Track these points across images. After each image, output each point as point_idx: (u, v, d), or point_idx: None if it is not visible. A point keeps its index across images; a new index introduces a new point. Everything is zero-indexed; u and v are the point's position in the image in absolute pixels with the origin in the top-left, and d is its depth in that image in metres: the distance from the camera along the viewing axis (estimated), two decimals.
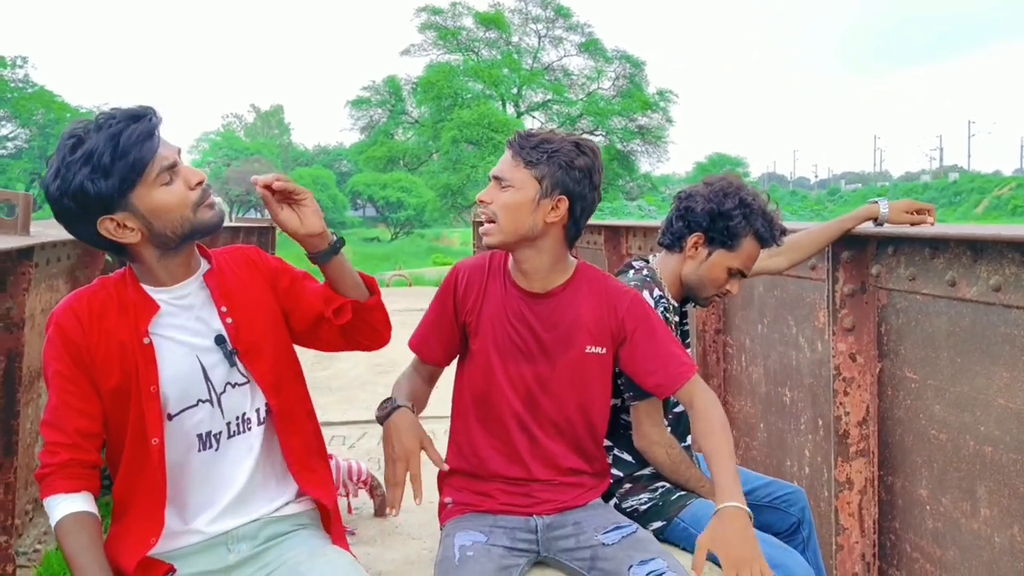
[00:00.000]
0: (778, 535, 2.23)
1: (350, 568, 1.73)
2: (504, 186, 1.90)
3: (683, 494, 2.14)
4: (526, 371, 1.97)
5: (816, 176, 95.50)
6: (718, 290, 2.26)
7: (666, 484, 2.18)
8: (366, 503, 3.07)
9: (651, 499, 2.16)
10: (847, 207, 52.93)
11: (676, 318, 2.28)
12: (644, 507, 2.15)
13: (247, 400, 1.79)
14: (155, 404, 1.69)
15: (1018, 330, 2.02)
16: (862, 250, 2.56)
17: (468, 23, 36.11)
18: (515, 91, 36.14)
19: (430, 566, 1.97)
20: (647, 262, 2.32)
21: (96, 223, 1.62)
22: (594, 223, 5.22)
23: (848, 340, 2.57)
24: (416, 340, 2.09)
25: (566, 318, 1.98)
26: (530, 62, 36.94)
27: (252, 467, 1.80)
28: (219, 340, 1.75)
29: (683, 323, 2.34)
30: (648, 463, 2.18)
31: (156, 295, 1.72)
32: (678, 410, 2.27)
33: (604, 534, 1.94)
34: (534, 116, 36.84)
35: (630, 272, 2.29)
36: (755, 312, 3.48)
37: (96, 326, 1.69)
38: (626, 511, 2.15)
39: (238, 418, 1.78)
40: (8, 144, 46.76)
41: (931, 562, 2.37)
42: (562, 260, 1.98)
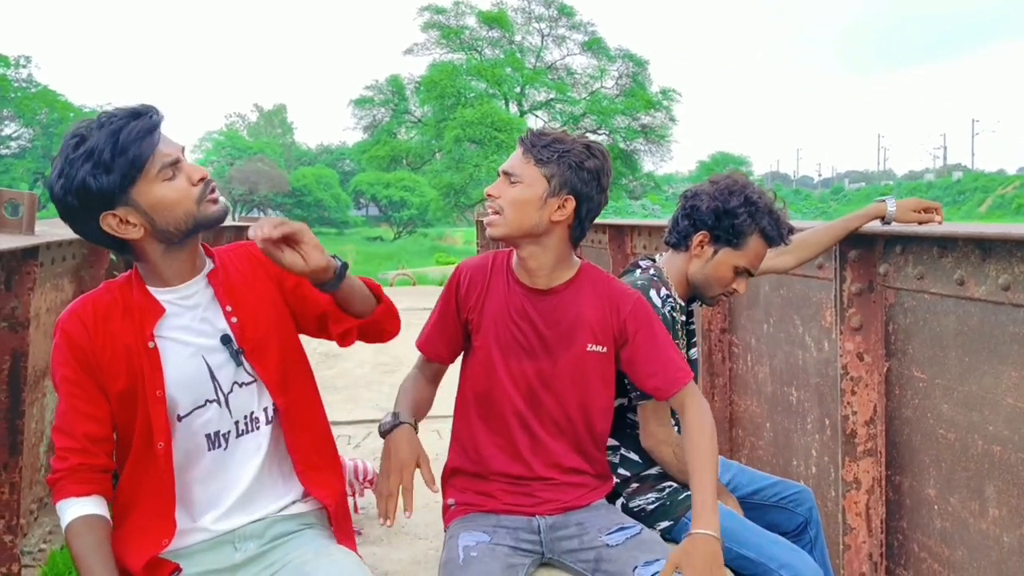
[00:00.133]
0: (785, 535, 2.23)
1: (356, 568, 1.73)
2: (513, 181, 1.91)
3: (690, 494, 2.12)
4: (528, 367, 1.97)
5: (820, 175, 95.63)
6: (725, 289, 2.25)
7: (673, 484, 2.17)
8: (372, 503, 3.06)
9: (658, 499, 2.15)
10: (851, 206, 52.90)
11: (683, 317, 2.27)
12: (651, 507, 2.15)
13: (254, 399, 1.79)
14: (161, 408, 1.69)
15: None
16: (870, 249, 2.55)
17: (471, 22, 36.10)
18: (518, 90, 36.12)
19: (436, 566, 1.96)
20: (653, 261, 2.32)
21: (99, 219, 1.62)
22: (598, 222, 5.20)
23: (855, 339, 2.56)
24: (423, 339, 2.11)
25: (568, 315, 1.98)
26: (533, 61, 36.93)
27: (259, 466, 1.80)
28: (225, 340, 1.75)
29: (689, 322, 2.33)
30: (655, 462, 2.17)
31: (161, 296, 1.72)
32: None
33: (608, 535, 1.94)
34: (537, 115, 36.83)
35: (636, 271, 2.28)
36: (761, 311, 3.47)
37: (101, 330, 1.70)
38: (633, 511, 2.15)
39: (246, 417, 1.79)
40: (11, 144, 46.86)
41: (939, 562, 2.36)
42: (566, 258, 1.99)
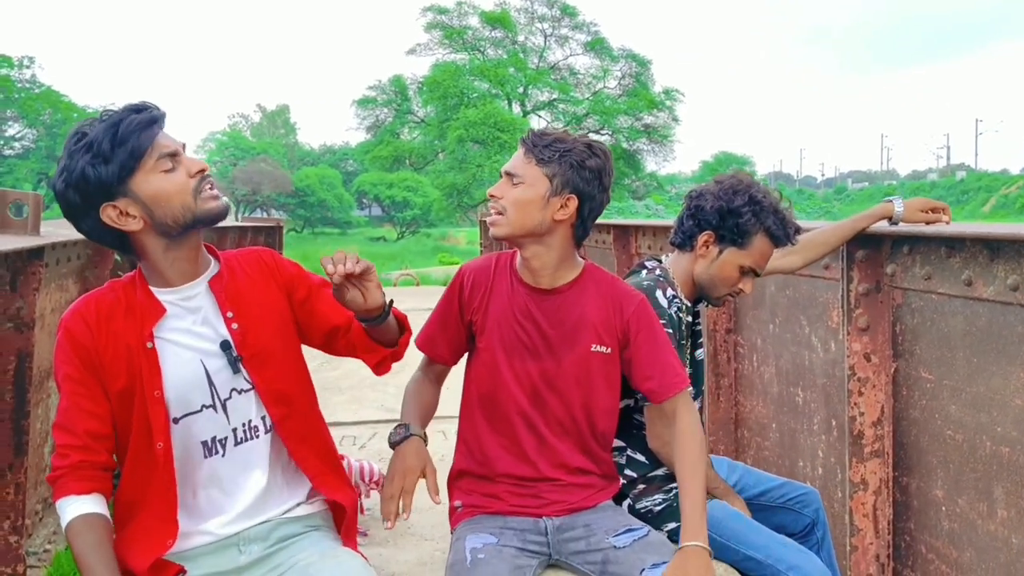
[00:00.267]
0: (792, 536, 2.22)
1: (361, 570, 1.73)
2: (515, 182, 1.91)
3: None
4: (532, 368, 1.97)
5: (823, 175, 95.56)
6: (731, 289, 2.24)
7: None
8: (379, 504, 3.05)
9: (665, 500, 2.14)
10: (854, 206, 52.87)
11: (689, 318, 2.26)
12: (658, 508, 2.14)
13: (252, 407, 1.78)
14: (160, 408, 1.69)
15: None
16: (877, 249, 2.54)
17: (474, 22, 36.19)
18: (521, 90, 36.17)
19: (443, 567, 1.96)
20: (659, 262, 2.31)
21: (100, 212, 1.63)
22: (603, 222, 5.21)
23: (863, 340, 2.55)
24: (422, 339, 2.09)
25: (572, 315, 1.97)
26: (536, 61, 36.97)
27: (263, 476, 1.79)
28: (224, 346, 1.74)
29: (695, 323, 2.32)
30: (662, 464, 2.16)
31: (163, 296, 1.72)
32: None
33: (615, 537, 1.93)
34: (540, 115, 36.88)
35: (643, 272, 2.28)
36: (767, 312, 3.46)
37: (104, 328, 1.69)
38: (640, 512, 2.14)
39: (244, 425, 1.77)
40: (15, 144, 46.95)
41: (947, 563, 2.35)
42: (569, 258, 1.98)
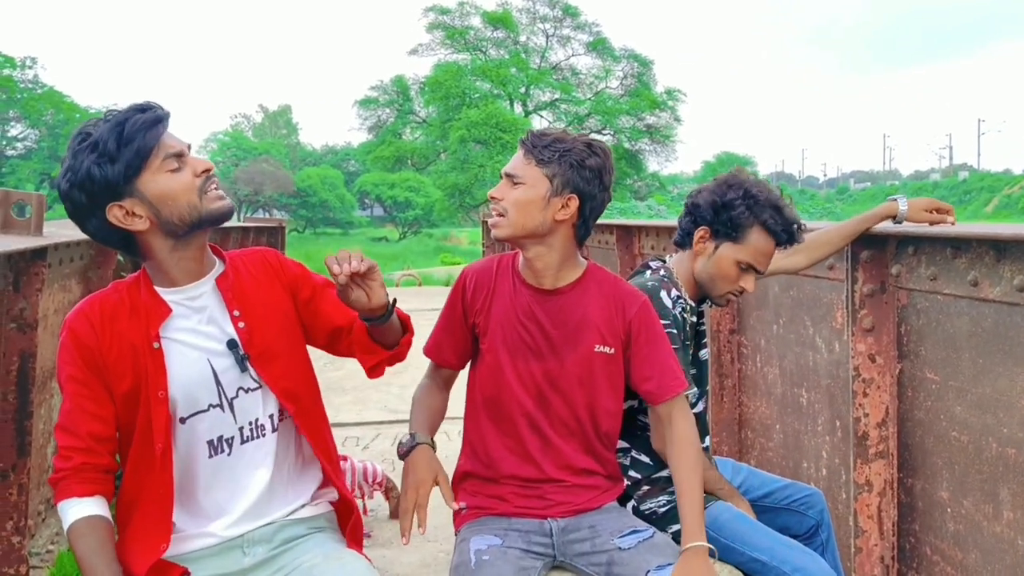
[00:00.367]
0: (797, 538, 2.21)
1: (365, 572, 1.73)
2: (516, 183, 1.91)
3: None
4: (535, 368, 1.97)
5: (825, 175, 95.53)
6: (731, 287, 2.21)
7: None
8: (382, 505, 3.05)
9: (670, 501, 2.13)
10: (856, 206, 52.77)
11: (693, 318, 2.25)
12: (663, 510, 2.13)
13: (259, 406, 1.78)
14: (163, 409, 1.68)
15: None
16: (882, 250, 2.53)
17: (476, 22, 36.19)
18: (523, 90, 36.16)
19: (447, 569, 1.95)
20: (664, 262, 2.30)
21: (106, 212, 1.62)
22: (606, 222, 5.20)
23: (867, 341, 2.54)
24: (430, 346, 2.10)
25: (575, 316, 1.97)
26: (538, 61, 36.96)
27: (268, 474, 1.79)
28: (231, 345, 1.74)
29: (700, 323, 2.31)
30: (666, 465, 2.15)
31: (168, 296, 1.72)
32: (696, 411, 2.24)
33: (620, 538, 1.93)
34: (542, 115, 36.88)
35: (647, 272, 2.27)
36: (770, 312, 3.45)
37: (108, 329, 1.69)
38: (644, 514, 2.13)
39: (251, 424, 1.77)
40: (18, 145, 46.99)
41: (952, 565, 2.34)
42: (572, 258, 1.98)
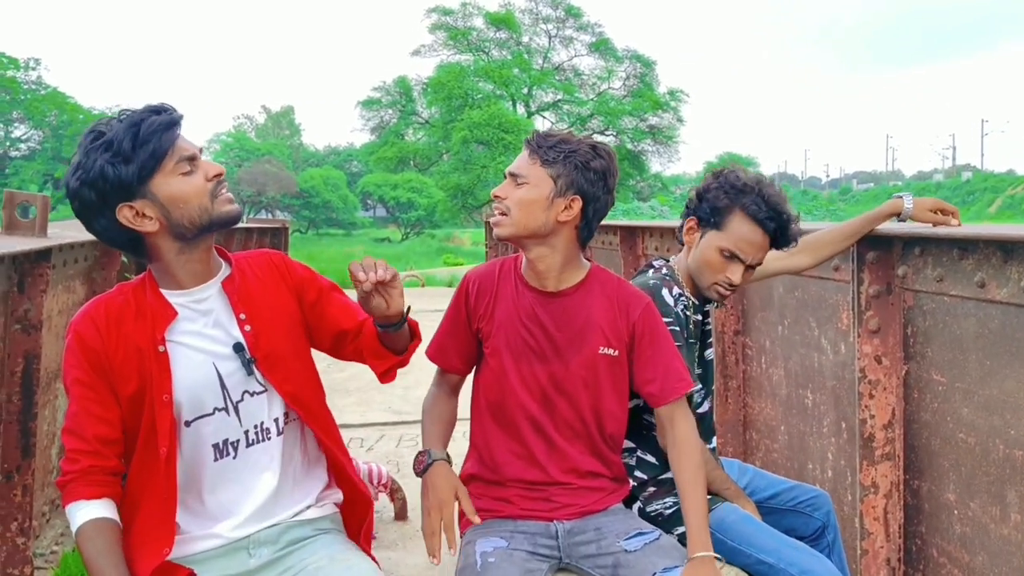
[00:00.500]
0: (803, 539, 2.20)
1: (371, 574, 1.72)
2: (520, 183, 1.90)
3: (709, 498, 2.10)
4: (540, 371, 1.96)
5: (828, 175, 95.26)
6: (715, 276, 2.17)
7: None
8: (387, 507, 3.04)
9: (676, 503, 2.12)
10: (859, 206, 52.65)
11: (698, 316, 2.24)
12: (669, 511, 2.13)
13: (265, 409, 1.78)
14: (167, 412, 1.68)
15: None
16: (888, 251, 2.52)
17: (478, 23, 36.15)
18: (525, 91, 36.13)
19: (453, 571, 1.95)
20: (667, 261, 2.30)
21: (115, 211, 1.62)
22: (610, 223, 5.18)
23: (873, 342, 2.53)
24: (433, 350, 2.09)
25: (579, 318, 1.96)
26: (540, 62, 36.94)
27: (275, 477, 1.79)
28: (237, 348, 1.74)
29: (705, 322, 2.30)
30: None
31: (174, 299, 1.71)
32: (701, 411, 2.24)
33: (626, 540, 1.92)
34: (544, 116, 36.85)
35: (649, 271, 2.27)
36: (775, 313, 3.44)
37: (114, 332, 1.68)
38: (650, 515, 2.12)
39: (256, 427, 1.77)
40: (21, 146, 47.03)
41: (959, 567, 2.33)
42: (575, 260, 1.97)
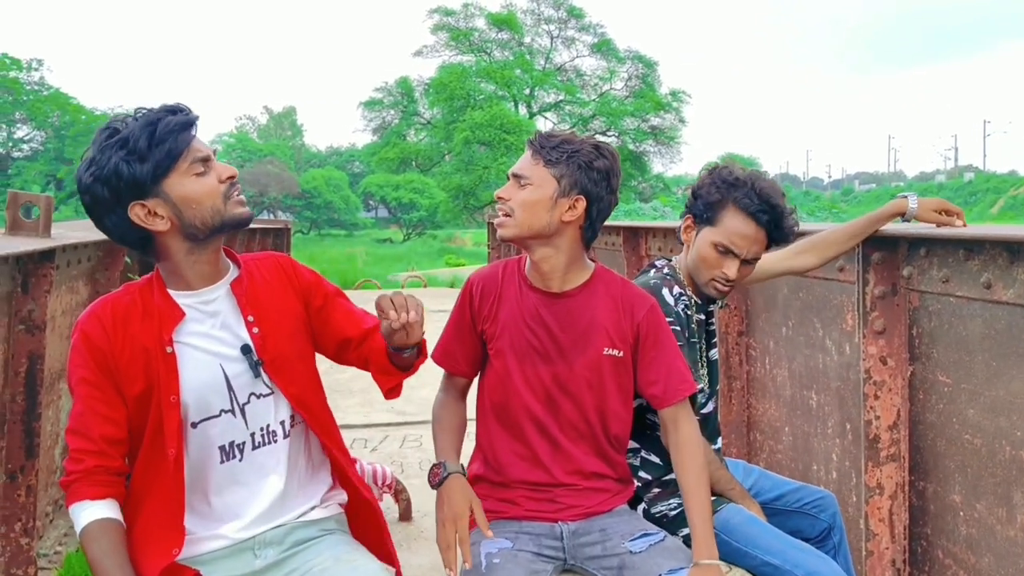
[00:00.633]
0: (808, 541, 2.19)
1: (378, 574, 1.72)
2: (523, 183, 1.90)
3: (714, 499, 2.10)
4: (544, 372, 1.96)
5: (829, 176, 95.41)
6: (711, 272, 2.16)
7: None
8: (391, 507, 3.04)
9: (681, 504, 2.11)
10: (861, 207, 52.62)
11: (701, 316, 2.24)
12: (673, 512, 2.12)
13: (271, 412, 1.77)
14: (175, 414, 1.67)
15: None
16: (893, 252, 2.51)
17: (480, 24, 36.17)
18: (527, 92, 36.14)
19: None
20: (669, 261, 2.30)
21: (127, 209, 1.61)
22: (613, 224, 5.18)
23: (879, 343, 2.52)
24: (439, 353, 2.07)
25: (583, 319, 1.96)
26: (542, 63, 36.95)
27: (281, 481, 1.79)
28: (245, 350, 1.73)
29: (709, 322, 2.30)
30: None
31: (182, 300, 1.71)
32: (706, 411, 2.24)
33: (631, 541, 1.92)
34: (546, 117, 36.86)
35: (651, 271, 2.27)
36: (779, 314, 3.43)
37: (121, 332, 1.68)
38: (655, 516, 2.12)
39: (262, 429, 1.77)
40: (24, 146, 47.10)
41: (964, 568, 2.32)
42: (579, 260, 1.97)
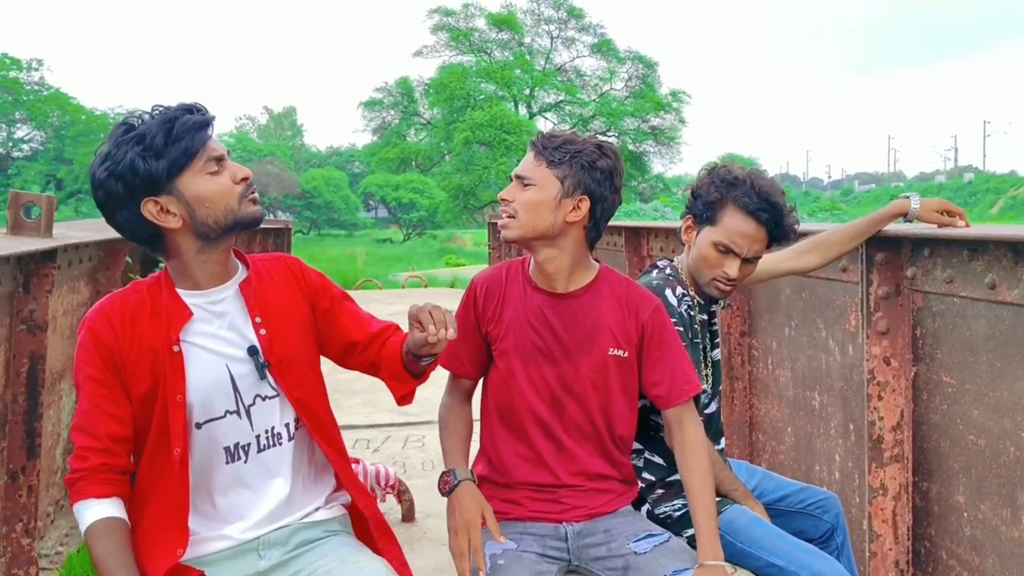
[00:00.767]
0: (812, 542, 2.19)
1: (383, 574, 1.71)
2: (526, 185, 1.90)
3: (718, 500, 2.09)
4: (548, 374, 1.95)
5: (830, 176, 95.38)
6: (712, 271, 2.16)
7: None
8: (394, 508, 3.03)
9: (684, 505, 2.11)
10: (861, 208, 52.62)
11: (704, 316, 2.24)
12: (678, 513, 2.11)
13: (276, 414, 1.77)
14: (180, 413, 1.67)
15: None
16: (897, 252, 2.51)
17: (480, 24, 36.20)
18: (527, 92, 36.16)
19: None
20: (671, 261, 2.29)
21: (140, 205, 1.61)
22: (615, 224, 5.17)
23: (882, 344, 2.52)
24: (444, 355, 2.05)
25: (588, 320, 1.95)
26: (542, 63, 36.97)
27: (286, 484, 1.78)
28: (252, 351, 1.73)
29: (712, 323, 2.29)
30: None
31: (190, 299, 1.70)
32: (709, 411, 2.24)
33: (636, 542, 1.92)
34: (546, 117, 36.88)
35: (654, 272, 2.26)
36: (782, 315, 3.43)
37: (128, 330, 1.67)
38: (659, 517, 2.11)
39: (267, 432, 1.76)
40: (24, 146, 47.08)
41: (968, 569, 2.32)
42: (583, 261, 1.96)
